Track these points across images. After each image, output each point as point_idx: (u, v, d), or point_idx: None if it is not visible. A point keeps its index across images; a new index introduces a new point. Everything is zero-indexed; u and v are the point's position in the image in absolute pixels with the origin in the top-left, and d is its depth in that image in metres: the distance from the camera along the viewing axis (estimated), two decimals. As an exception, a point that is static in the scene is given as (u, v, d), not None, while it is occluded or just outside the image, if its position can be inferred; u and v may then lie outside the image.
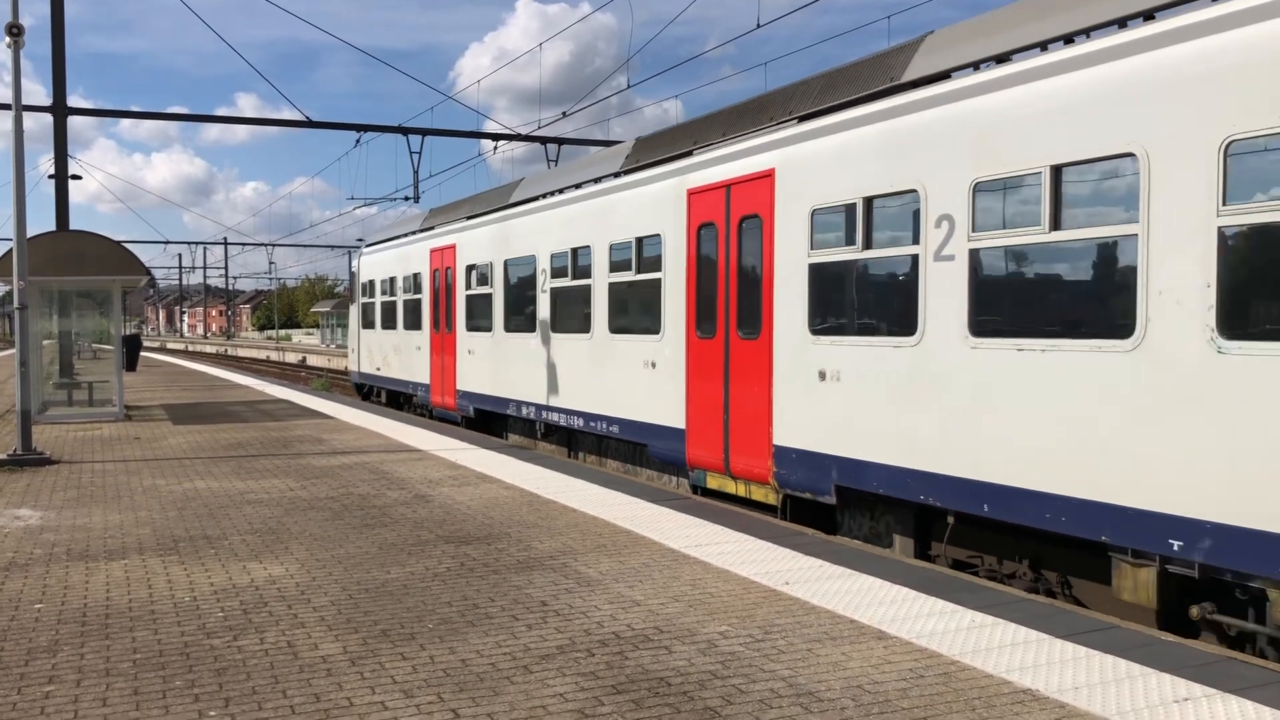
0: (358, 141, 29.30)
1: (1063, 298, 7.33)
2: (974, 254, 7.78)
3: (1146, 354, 6.48)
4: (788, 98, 10.62)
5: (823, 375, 9.35)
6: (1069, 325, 7.13)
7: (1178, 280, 6.28)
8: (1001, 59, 7.95)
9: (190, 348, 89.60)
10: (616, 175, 13.60)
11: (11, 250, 14.17)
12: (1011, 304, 7.65)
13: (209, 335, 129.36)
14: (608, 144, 27.54)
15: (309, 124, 27.30)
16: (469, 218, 19.06)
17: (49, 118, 24.58)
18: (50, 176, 24.46)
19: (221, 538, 8.40)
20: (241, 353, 77.35)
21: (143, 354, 47.30)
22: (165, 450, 14.19)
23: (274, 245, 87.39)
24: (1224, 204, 6.04)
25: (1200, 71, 6.18)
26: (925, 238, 8.19)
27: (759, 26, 19.12)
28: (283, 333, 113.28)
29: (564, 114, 26.72)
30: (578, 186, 14.73)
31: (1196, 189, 6.18)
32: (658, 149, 12.96)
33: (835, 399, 9.20)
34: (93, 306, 20.76)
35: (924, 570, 7.28)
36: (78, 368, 21.07)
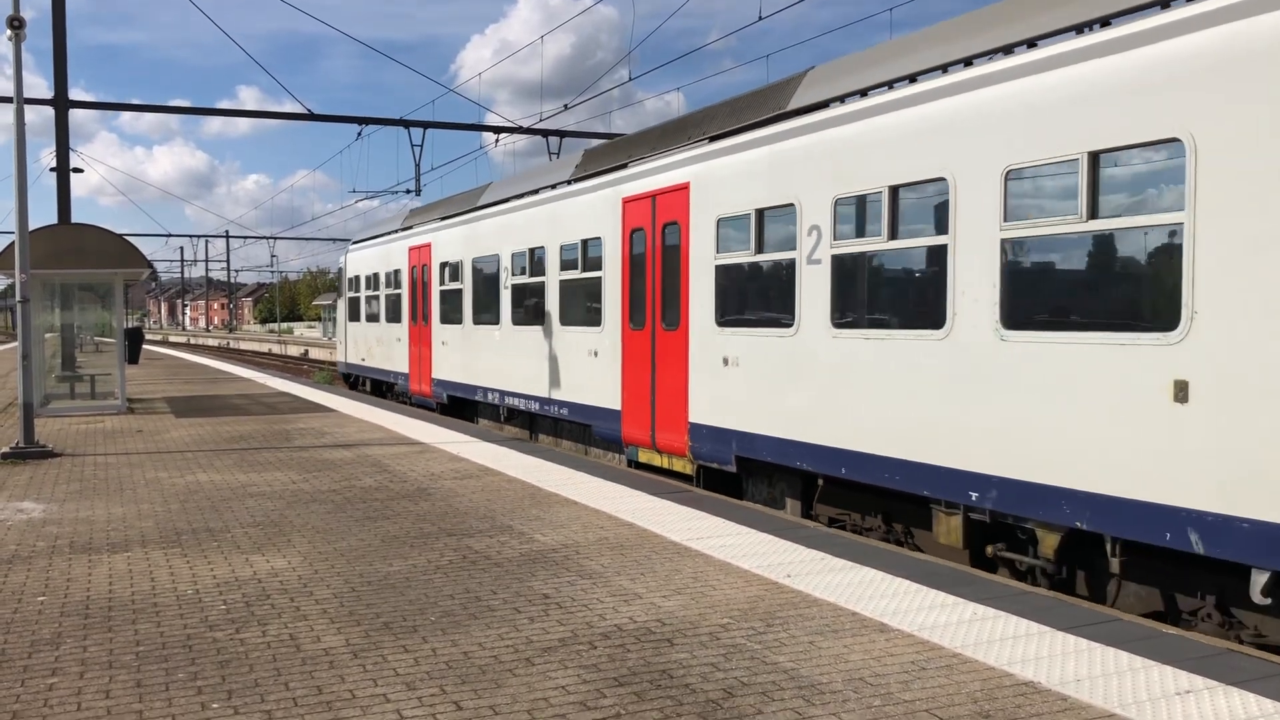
0: (359, 134, 29.30)
1: (896, 295, 8.85)
2: (835, 258, 9.29)
3: (953, 342, 7.99)
4: (701, 120, 12.14)
5: (726, 361, 10.90)
6: (902, 318, 8.62)
7: (974, 282, 7.76)
8: (864, 93, 9.28)
9: (192, 341, 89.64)
10: (567, 183, 15.02)
11: (13, 243, 14.17)
12: (860, 300, 9.15)
13: (211, 328, 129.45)
14: (609, 136, 27.55)
15: (310, 117, 27.26)
16: (443, 219, 20.36)
17: (50, 110, 24.59)
18: (51, 169, 24.47)
19: (224, 530, 8.42)
20: (243, 346, 77.40)
21: (145, 347, 47.36)
22: (167, 443, 14.20)
23: (276, 238, 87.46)
24: (1004, 221, 7.50)
25: (993, 111, 7.67)
26: (800, 244, 9.72)
27: (760, 19, 19.08)
28: (285, 326, 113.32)
29: (565, 106, 26.73)
30: (535, 192, 16.02)
31: (987, 208, 7.63)
32: (600, 160, 14.44)
33: (735, 381, 10.76)
34: (94, 299, 20.76)
35: (926, 563, 7.29)
36: (80, 361, 21.07)
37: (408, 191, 32.77)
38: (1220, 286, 6.13)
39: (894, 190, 8.55)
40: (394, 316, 23.06)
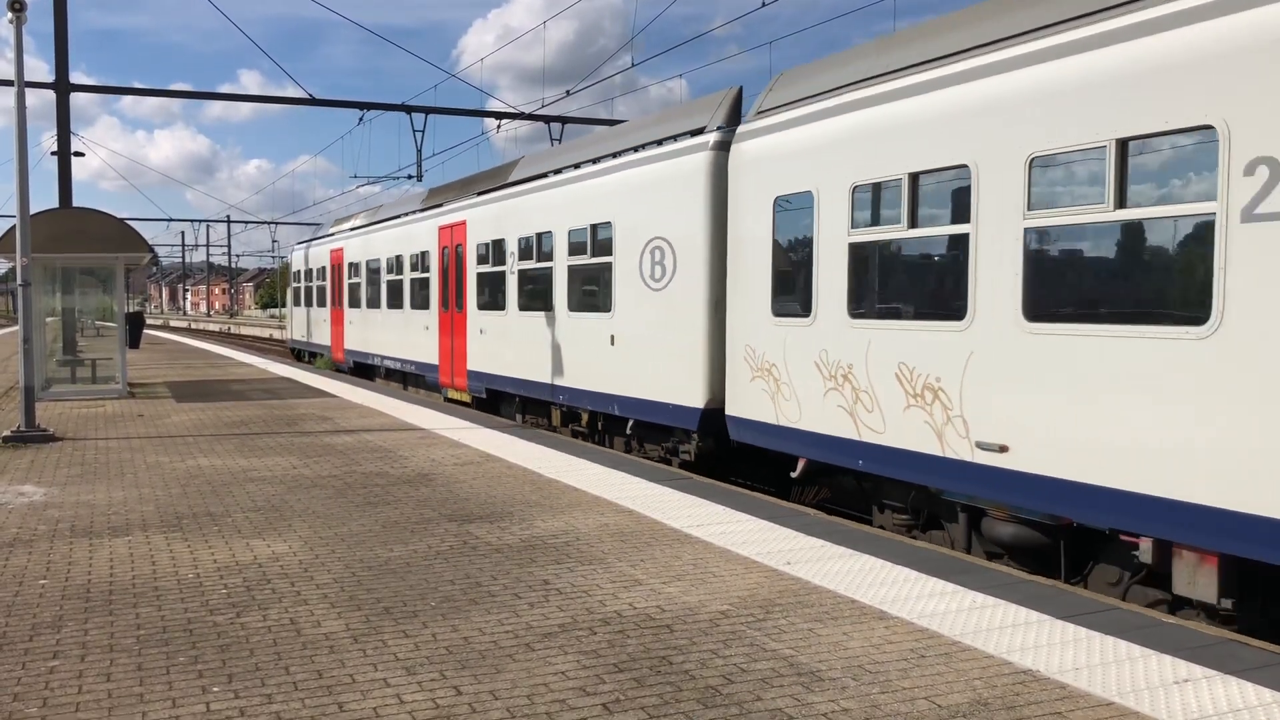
0: (361, 119, 29.23)
1: (542, 293, 15.29)
2: (520, 271, 16.11)
3: (556, 318, 14.74)
4: (476, 181, 19.36)
5: (481, 331, 17.76)
6: (540, 306, 15.31)
7: (562, 287, 14.56)
8: (544, 175, 15.76)
9: (193, 325, 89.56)
10: (419, 212, 21.94)
11: (14, 227, 14.15)
12: (528, 294, 15.87)
13: (212, 313, 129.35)
14: (612, 123, 27.48)
15: (312, 101, 27.20)
16: (351, 229, 27.68)
17: (51, 94, 24.53)
18: (53, 153, 24.43)
19: (225, 515, 8.43)
20: (244, 331, 77.34)
21: (146, 331, 47.34)
22: (168, 428, 14.22)
23: (277, 223, 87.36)
24: (569, 256, 14.38)
25: (562, 200, 14.65)
26: (508, 262, 16.54)
27: (764, 5, 19.00)
28: (285, 311, 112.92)
29: (568, 92, 26.65)
30: (405, 214, 22.96)
31: (564, 249, 14.50)
32: (434, 198, 21.57)
33: (486, 343, 17.60)
34: (96, 284, 20.73)
35: (925, 551, 7.30)
36: (81, 345, 21.06)
37: (409, 177, 32.77)
38: (622, 291, 12.86)
39: (539, 235, 15.31)
40: (322, 302, 30.27)
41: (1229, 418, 5.97)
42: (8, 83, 21.42)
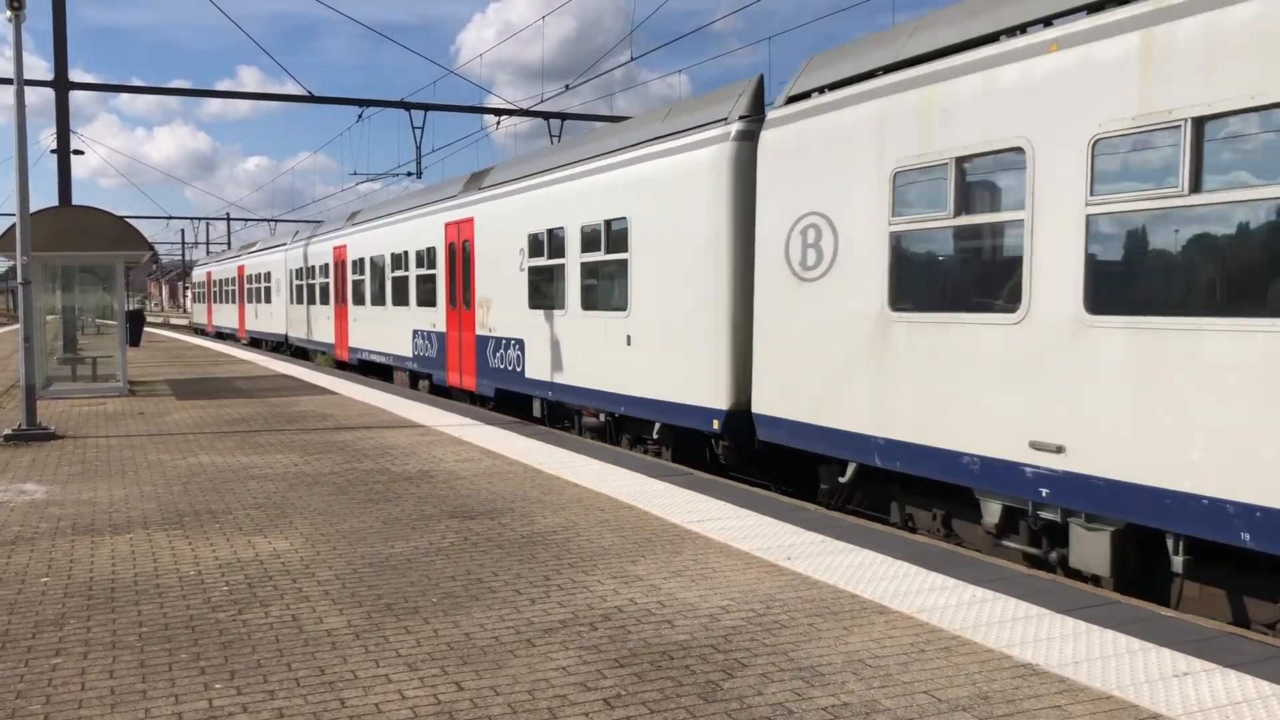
0: (360, 116, 29.20)
1: (261, 295, 37.81)
2: (256, 287, 38.92)
3: (275, 306, 35.53)
4: (253, 244, 42.92)
5: (265, 314, 37.64)
6: (257, 300, 38.68)
7: (276, 291, 35.66)
8: (270, 248, 37.14)
9: (194, 323, 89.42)
10: (235, 257, 43.20)
11: (14, 226, 14.15)
12: (255, 299, 39.19)
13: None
14: (614, 119, 27.45)
15: (311, 99, 27.15)
16: (215, 262, 47.18)
17: (50, 92, 24.51)
18: (52, 151, 24.42)
19: (226, 512, 8.44)
20: (245, 328, 77.22)
21: (146, 329, 47.38)
22: (169, 425, 14.23)
23: (277, 220, 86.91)
24: (267, 282, 36.83)
25: (271, 260, 36.66)
26: (274, 283, 36.28)
27: None
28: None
29: (567, 87, 26.59)
30: (231, 257, 46.24)
31: (276, 279, 35.29)
32: (243, 249, 43.30)
33: (257, 318, 39.45)
34: (96, 282, 20.76)
35: (925, 545, 7.32)
36: (81, 343, 21.09)
37: (409, 174, 32.68)
38: (274, 295, 36.45)
39: (260, 273, 37.58)
40: (202, 300, 53.78)
41: None
42: (6, 81, 21.40)
